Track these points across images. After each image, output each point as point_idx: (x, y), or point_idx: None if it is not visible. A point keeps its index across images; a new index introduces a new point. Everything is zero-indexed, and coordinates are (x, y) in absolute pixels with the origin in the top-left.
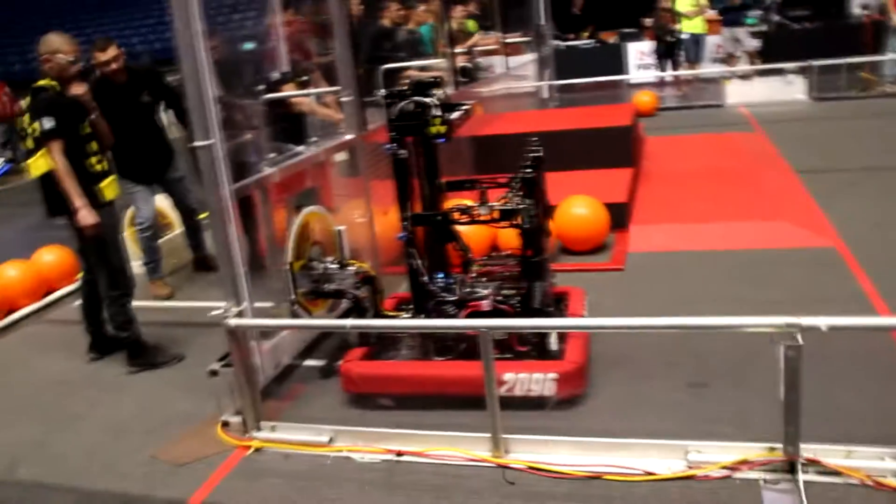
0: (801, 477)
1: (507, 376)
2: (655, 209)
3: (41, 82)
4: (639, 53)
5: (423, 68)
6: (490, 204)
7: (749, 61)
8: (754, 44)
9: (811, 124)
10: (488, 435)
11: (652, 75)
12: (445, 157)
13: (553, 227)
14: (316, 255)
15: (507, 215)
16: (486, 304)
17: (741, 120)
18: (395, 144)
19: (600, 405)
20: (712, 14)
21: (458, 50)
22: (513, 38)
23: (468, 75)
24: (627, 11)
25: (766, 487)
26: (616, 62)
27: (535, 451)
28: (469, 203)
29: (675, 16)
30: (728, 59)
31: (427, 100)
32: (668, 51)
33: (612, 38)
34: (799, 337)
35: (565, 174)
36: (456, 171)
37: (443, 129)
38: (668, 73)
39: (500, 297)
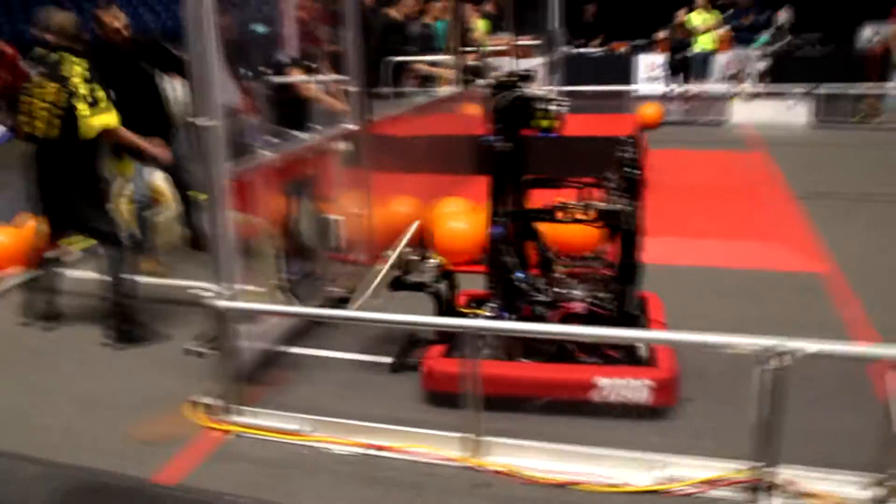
0: (776, 499)
1: (603, 382)
2: (652, 221)
3: None
4: (648, 65)
5: (433, 63)
6: (594, 203)
7: (757, 81)
8: (763, 64)
9: (814, 149)
10: (467, 435)
11: (660, 88)
12: (448, 154)
13: (548, 232)
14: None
15: (610, 216)
16: (579, 307)
17: (745, 139)
18: (498, 136)
19: (581, 414)
20: (724, 32)
21: (468, 48)
22: (524, 41)
23: (476, 74)
24: (640, 23)
25: None
26: (625, 72)
27: (513, 454)
28: (569, 201)
29: (690, 31)
30: (736, 77)
31: (538, 92)
32: (682, 65)
33: (622, 48)
34: (784, 359)
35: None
36: (456, 169)
37: (553, 122)
38: (677, 87)
39: (594, 300)
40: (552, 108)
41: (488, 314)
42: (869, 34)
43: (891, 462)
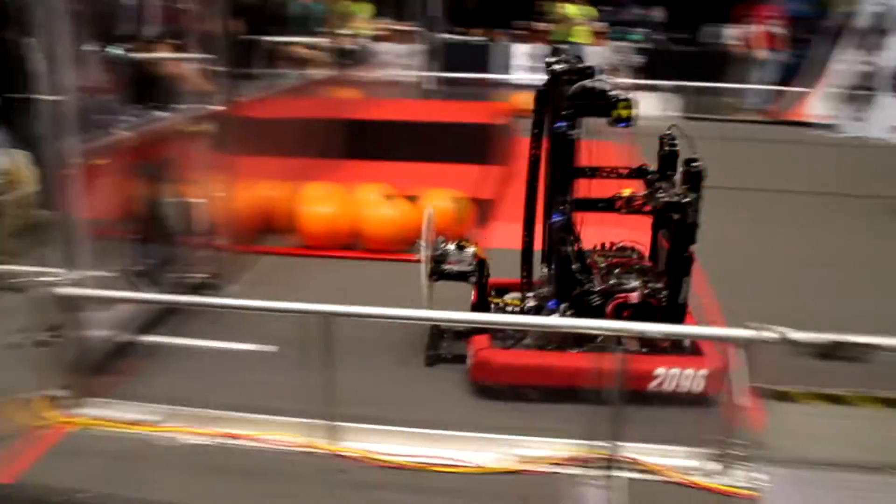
0: (622, 475)
1: (658, 371)
2: (520, 207)
3: None
4: (526, 56)
5: (309, 45)
6: (659, 196)
7: (630, 76)
8: (637, 59)
9: (680, 140)
10: (323, 422)
11: (535, 78)
12: (317, 138)
13: (417, 218)
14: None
15: (675, 208)
16: (634, 297)
17: (615, 130)
18: (568, 123)
19: (438, 397)
20: (600, 26)
21: (343, 31)
22: (403, 27)
23: (350, 57)
24: (519, 13)
25: (589, 484)
26: (503, 61)
27: (367, 439)
28: (630, 191)
29: (568, 23)
30: (610, 71)
31: (615, 80)
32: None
33: (501, 38)
34: (631, 342)
35: (435, 166)
36: (325, 153)
37: (630, 112)
38: None
39: (648, 291)
40: (630, 98)
41: (532, 304)
42: (731, 34)
43: (723, 434)
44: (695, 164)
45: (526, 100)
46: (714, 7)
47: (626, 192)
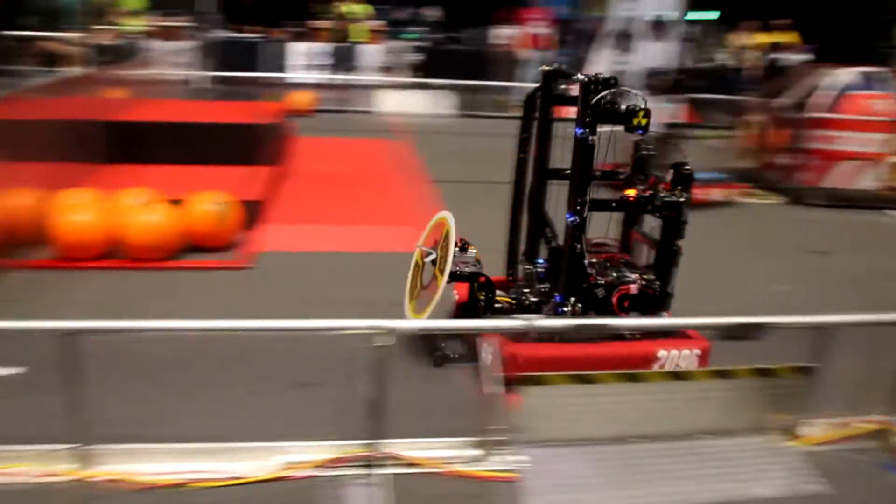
0: (385, 471)
1: (661, 353)
2: (294, 209)
3: None
4: (304, 54)
5: (62, 41)
6: (662, 195)
7: (406, 74)
8: (413, 58)
9: (454, 138)
10: (72, 446)
11: (313, 76)
12: (75, 141)
13: (181, 223)
14: None
15: (670, 207)
16: (634, 288)
17: (393, 128)
18: (588, 129)
19: (199, 410)
20: (377, 24)
21: (104, 26)
22: (175, 23)
23: (112, 54)
24: (297, 10)
25: (353, 483)
26: (279, 60)
27: (126, 461)
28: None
29: (346, 22)
30: (387, 69)
31: (634, 91)
32: (346, 55)
33: (279, 36)
34: (388, 339)
35: (204, 168)
36: (84, 158)
37: (645, 121)
38: (329, 77)
39: (644, 282)
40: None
41: (533, 300)
42: (500, 34)
43: (485, 422)
44: (686, 167)
45: (302, 99)
46: (488, 7)
47: (631, 193)
